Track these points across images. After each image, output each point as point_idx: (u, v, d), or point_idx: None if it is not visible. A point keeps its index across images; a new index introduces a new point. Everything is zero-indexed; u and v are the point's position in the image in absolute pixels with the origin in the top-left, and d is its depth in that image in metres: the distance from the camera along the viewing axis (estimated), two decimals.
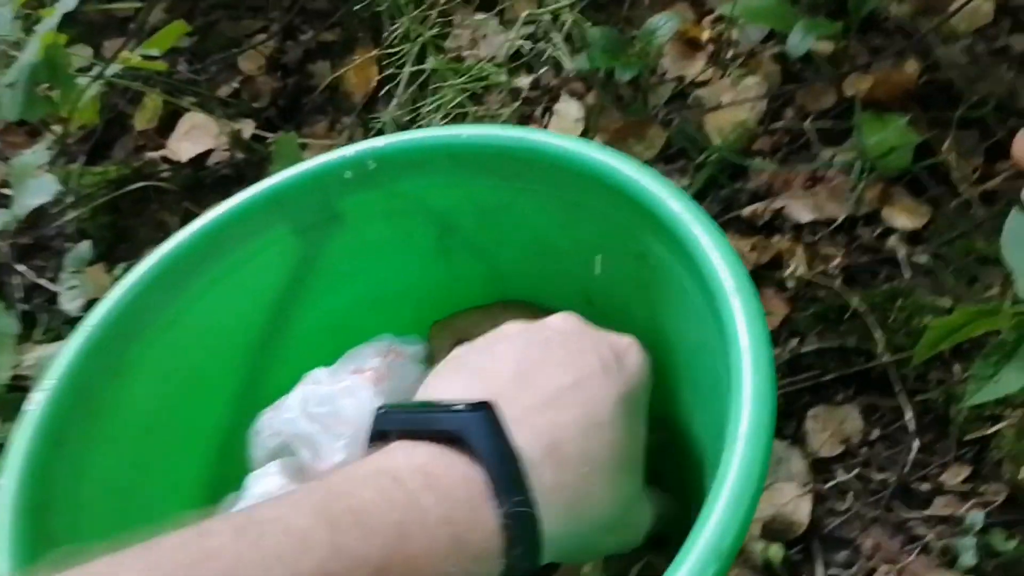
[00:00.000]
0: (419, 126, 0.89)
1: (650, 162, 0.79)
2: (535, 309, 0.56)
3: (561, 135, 0.48)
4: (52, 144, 0.82)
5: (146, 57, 0.85)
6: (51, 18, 0.68)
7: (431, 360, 0.49)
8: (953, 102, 0.75)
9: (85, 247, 0.81)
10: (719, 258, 0.39)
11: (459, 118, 0.89)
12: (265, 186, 0.48)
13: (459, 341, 0.54)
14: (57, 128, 0.85)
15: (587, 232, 0.49)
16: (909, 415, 0.59)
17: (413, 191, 0.49)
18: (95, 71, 0.79)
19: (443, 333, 0.49)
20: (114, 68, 0.79)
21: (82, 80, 0.76)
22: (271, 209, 0.48)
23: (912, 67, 0.76)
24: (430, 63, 0.92)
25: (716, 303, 0.38)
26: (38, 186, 0.77)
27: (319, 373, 0.44)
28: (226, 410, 0.48)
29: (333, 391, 0.41)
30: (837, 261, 0.68)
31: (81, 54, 1.07)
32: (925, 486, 0.59)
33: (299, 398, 0.41)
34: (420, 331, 0.50)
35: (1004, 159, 0.70)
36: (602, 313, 0.54)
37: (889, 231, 0.69)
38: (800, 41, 0.70)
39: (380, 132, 0.91)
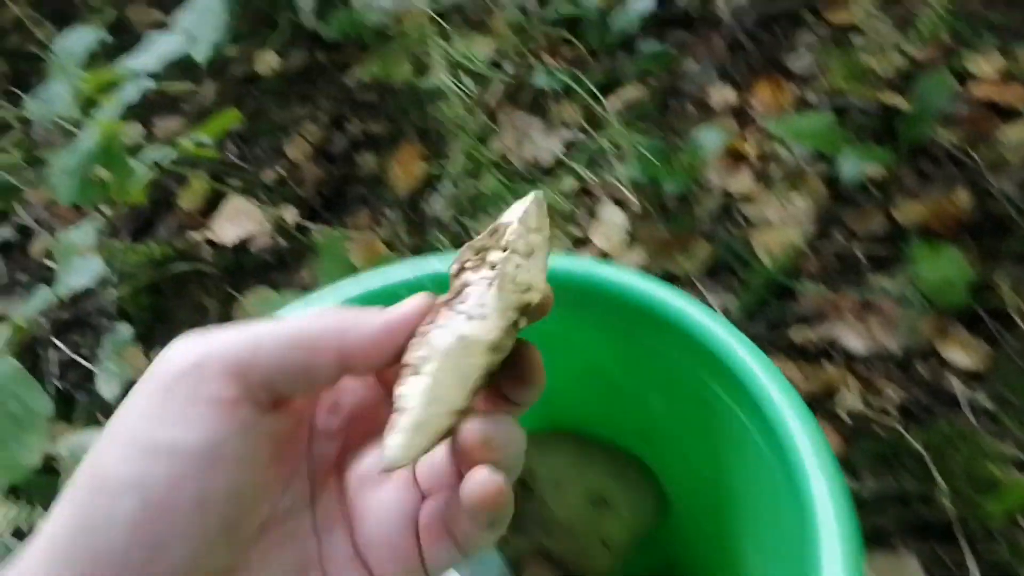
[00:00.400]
0: (464, 224, 0.89)
1: (695, 276, 0.79)
2: (586, 441, 0.55)
3: (625, 269, 0.47)
4: (101, 225, 0.83)
5: (198, 144, 0.87)
6: (112, 106, 0.69)
7: None
8: (1006, 233, 0.74)
9: (126, 330, 0.81)
10: (800, 428, 0.37)
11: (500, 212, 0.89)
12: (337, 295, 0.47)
13: None
14: (106, 209, 0.85)
15: (648, 370, 0.48)
16: (975, 572, 0.56)
17: None
18: (149, 156, 0.80)
19: None
20: (168, 154, 0.80)
21: (136, 164, 0.77)
22: None
23: (963, 197, 0.76)
24: (472, 159, 0.93)
25: (796, 476, 0.36)
26: (84, 267, 0.77)
27: None
28: None
29: None
30: (893, 396, 0.66)
31: (131, 131, 1.10)
32: None
33: None
34: None
35: None
36: (659, 452, 0.53)
37: (946, 366, 0.67)
38: (852, 168, 0.70)
39: (422, 227, 0.91)
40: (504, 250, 0.29)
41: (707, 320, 0.44)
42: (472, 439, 0.27)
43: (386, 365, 0.29)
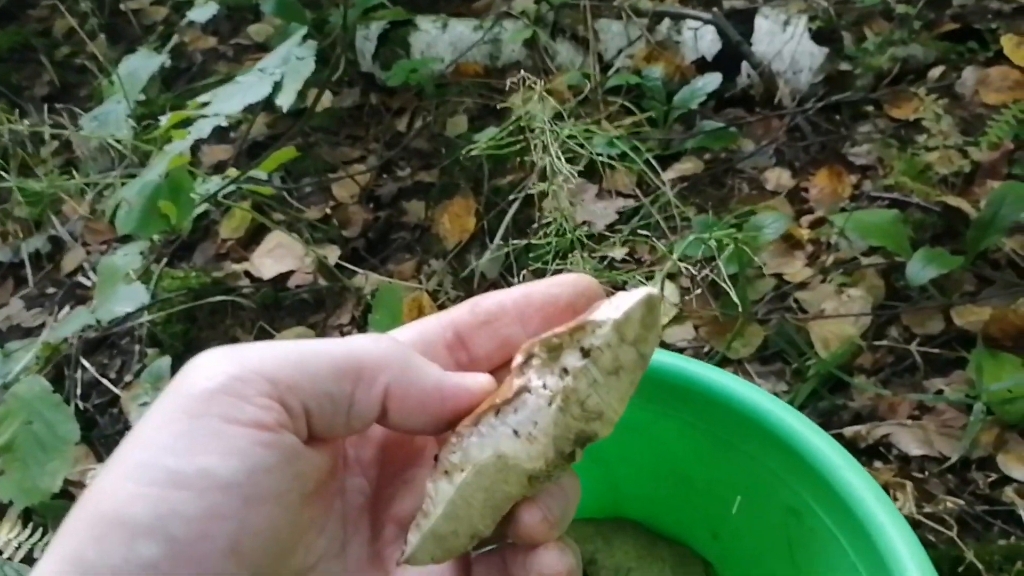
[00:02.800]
0: (509, 284, 0.88)
1: (746, 360, 0.77)
2: (652, 535, 0.53)
3: (715, 369, 0.46)
4: (146, 251, 0.81)
5: (250, 178, 0.86)
6: (182, 142, 0.69)
7: None
8: None
9: (164, 364, 0.79)
10: (910, 560, 0.36)
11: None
12: None
13: None
14: (155, 236, 0.84)
15: (729, 469, 0.46)
16: None
17: None
18: (205, 188, 0.79)
19: None
20: (225, 188, 0.79)
21: (195, 196, 0.76)
22: None
23: None
24: (524, 221, 0.92)
25: None
26: (127, 294, 0.76)
27: None
28: None
29: None
30: (949, 504, 0.64)
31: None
32: None
33: None
34: None
35: None
36: (729, 556, 0.50)
37: (1005, 479, 0.66)
38: (920, 271, 0.69)
39: (468, 281, 0.90)
40: (585, 355, 0.24)
41: (804, 428, 0.42)
42: (532, 522, 0.25)
43: (423, 433, 0.26)
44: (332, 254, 0.95)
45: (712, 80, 0.94)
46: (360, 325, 0.86)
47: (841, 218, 0.79)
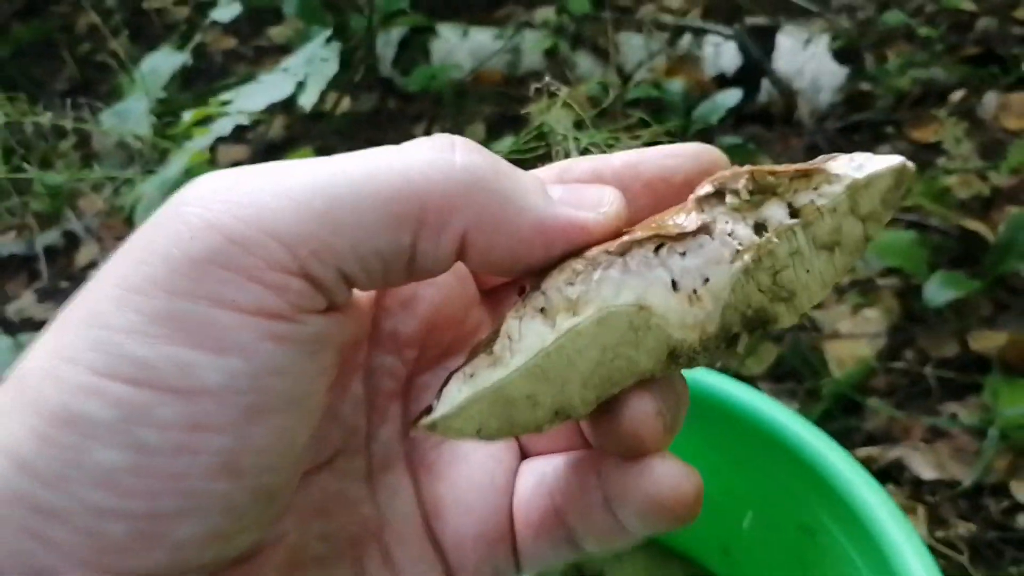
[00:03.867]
0: None
1: (759, 378, 0.77)
2: (664, 551, 0.52)
3: (731, 381, 0.46)
4: None
5: None
6: (203, 138, 0.69)
7: None
8: None
9: None
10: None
11: None
12: None
13: (578, 570, 0.49)
14: None
15: (744, 486, 0.45)
16: None
17: None
18: None
19: None
20: None
21: None
22: None
23: None
24: None
25: None
26: None
27: None
28: None
29: None
30: (961, 531, 0.63)
31: None
32: None
33: None
34: None
35: None
36: (738, 570, 0.50)
37: (1018, 506, 0.65)
38: (938, 293, 0.68)
39: None
40: (794, 215, 0.18)
41: (820, 444, 0.42)
42: (642, 414, 0.18)
43: (516, 278, 0.20)
44: None
45: (732, 96, 0.94)
46: None
47: None
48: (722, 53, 1.04)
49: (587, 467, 0.20)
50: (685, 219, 0.18)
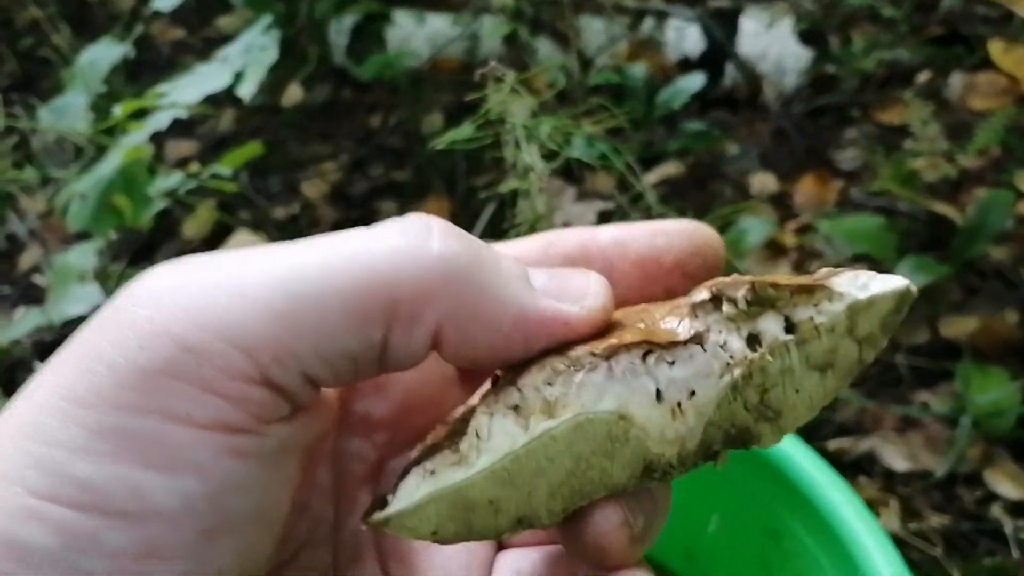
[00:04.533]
0: None
1: None
2: None
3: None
4: (102, 247, 0.77)
5: (215, 175, 0.82)
6: (139, 133, 0.65)
7: None
8: None
9: None
10: None
11: None
12: None
13: None
14: (111, 232, 0.80)
15: (708, 489, 0.43)
16: None
17: None
18: (164, 184, 0.75)
19: None
20: (185, 183, 0.75)
21: (153, 191, 0.72)
22: None
23: (1012, 317, 0.73)
24: (499, 225, 0.89)
25: None
26: (81, 295, 0.72)
27: None
28: None
29: None
30: (933, 522, 0.62)
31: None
32: None
33: None
34: None
35: None
36: (703, 572, 0.48)
37: (992, 496, 0.63)
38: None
39: None
40: (789, 329, 0.17)
41: (785, 444, 0.40)
42: (607, 526, 0.17)
43: (492, 368, 0.18)
44: None
45: (695, 80, 0.91)
46: None
47: (826, 224, 0.77)
48: (685, 37, 1.01)
49: (563, 569, 0.19)
50: (678, 325, 0.17)
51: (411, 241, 0.16)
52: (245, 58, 0.66)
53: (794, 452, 0.40)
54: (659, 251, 0.20)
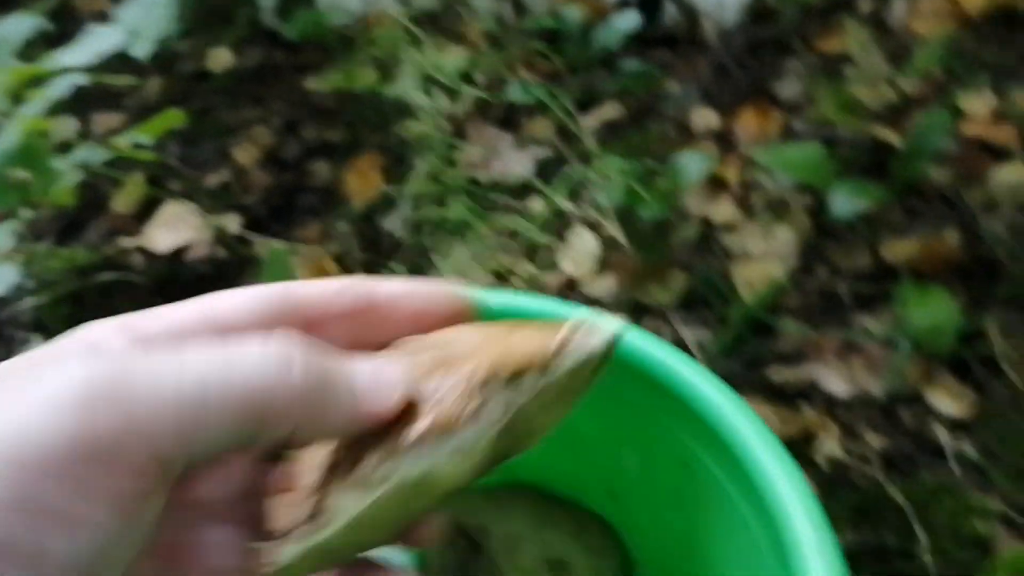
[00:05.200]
0: (424, 244, 0.83)
1: (668, 309, 0.73)
2: (547, 499, 0.49)
3: (599, 314, 0.41)
4: (19, 227, 0.74)
5: (135, 145, 0.79)
6: (37, 102, 0.62)
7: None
8: (996, 277, 0.70)
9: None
10: (797, 505, 0.32)
11: (464, 237, 0.83)
12: None
13: (458, 526, 0.46)
14: (27, 210, 0.77)
15: (621, 425, 0.42)
16: None
17: None
18: (78, 157, 0.72)
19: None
20: (100, 154, 0.72)
21: (63, 164, 0.69)
22: None
23: (953, 238, 0.72)
24: (436, 179, 0.86)
25: (787, 555, 0.31)
26: None
27: None
28: None
29: None
30: (874, 444, 0.61)
31: (66, 127, 1.01)
32: None
33: None
34: None
35: None
36: (627, 514, 0.46)
37: (931, 414, 0.63)
38: (844, 204, 0.65)
39: (377, 244, 0.85)
40: (541, 374, 0.23)
41: (692, 374, 0.38)
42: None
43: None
44: (232, 223, 0.89)
45: (629, 19, 0.88)
46: None
47: (764, 154, 0.75)
48: None
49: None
50: (466, 406, 0.22)
51: (279, 367, 0.20)
52: (143, 17, 0.63)
53: (701, 382, 0.38)
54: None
